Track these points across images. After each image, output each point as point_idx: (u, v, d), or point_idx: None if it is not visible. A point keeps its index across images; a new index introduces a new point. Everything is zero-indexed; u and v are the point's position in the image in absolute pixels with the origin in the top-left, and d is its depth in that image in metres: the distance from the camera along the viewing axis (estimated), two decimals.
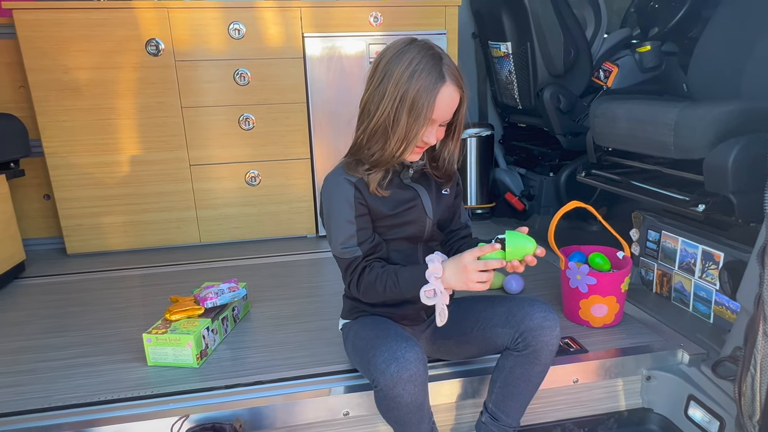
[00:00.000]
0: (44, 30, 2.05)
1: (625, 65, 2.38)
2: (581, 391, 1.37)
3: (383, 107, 1.04)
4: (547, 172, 2.53)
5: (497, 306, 1.18)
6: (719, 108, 1.37)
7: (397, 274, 1.09)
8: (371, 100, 1.07)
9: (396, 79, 1.03)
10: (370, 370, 1.03)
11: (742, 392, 1.09)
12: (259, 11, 2.19)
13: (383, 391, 1.00)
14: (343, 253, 1.13)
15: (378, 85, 1.05)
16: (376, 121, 1.05)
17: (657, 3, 2.43)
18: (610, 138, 1.75)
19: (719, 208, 1.38)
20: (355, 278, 1.12)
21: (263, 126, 2.30)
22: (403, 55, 1.04)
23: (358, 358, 1.16)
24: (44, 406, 1.23)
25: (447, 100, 1.05)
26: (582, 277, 1.46)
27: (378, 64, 1.07)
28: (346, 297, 1.29)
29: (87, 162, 2.20)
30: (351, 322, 1.25)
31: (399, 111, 1.03)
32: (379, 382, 1.00)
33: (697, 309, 1.56)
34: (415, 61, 1.03)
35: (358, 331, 1.19)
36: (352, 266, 1.13)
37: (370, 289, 1.12)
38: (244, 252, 2.29)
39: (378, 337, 1.08)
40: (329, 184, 1.15)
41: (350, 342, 1.21)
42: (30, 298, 1.88)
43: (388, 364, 0.99)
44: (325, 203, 1.15)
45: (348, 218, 1.11)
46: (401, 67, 1.03)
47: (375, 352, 1.03)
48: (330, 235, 1.15)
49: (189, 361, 1.36)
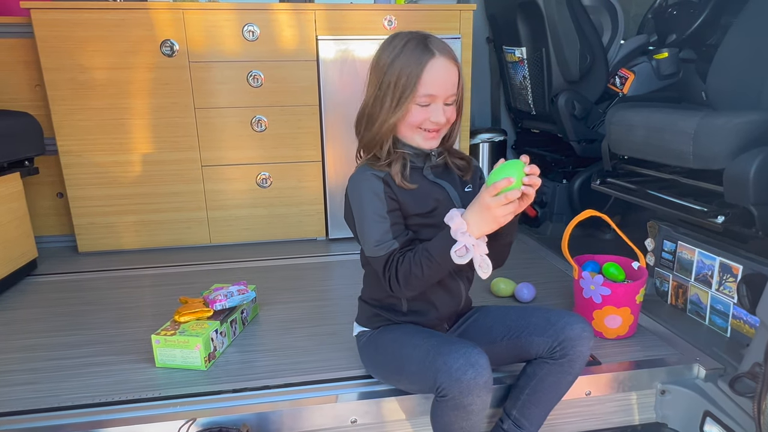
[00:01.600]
0: (61, 30, 2.06)
1: (642, 72, 2.35)
2: (594, 404, 1.35)
3: (369, 92, 1.09)
4: (561, 179, 2.50)
5: (531, 316, 1.18)
6: (741, 118, 1.34)
7: (427, 249, 1.03)
8: (365, 93, 1.12)
9: (383, 65, 1.06)
10: (437, 377, 0.98)
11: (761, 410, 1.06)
12: (274, 13, 2.19)
13: (454, 399, 0.97)
14: (377, 250, 1.07)
15: (369, 76, 1.10)
16: (364, 106, 1.11)
17: (675, 9, 2.40)
18: (627, 146, 1.72)
19: (739, 220, 1.35)
20: (393, 273, 1.05)
21: (275, 128, 2.30)
22: (390, 43, 1.08)
23: (401, 367, 1.11)
24: (53, 405, 1.23)
25: (441, 72, 1.04)
26: (596, 288, 1.43)
27: (372, 62, 1.11)
28: (365, 303, 1.26)
29: (100, 161, 2.21)
30: (372, 332, 1.22)
31: (382, 91, 1.07)
32: (450, 389, 0.97)
33: (713, 322, 1.53)
34: (399, 45, 1.06)
35: (398, 339, 1.14)
36: (389, 261, 1.06)
37: (410, 278, 1.04)
38: (254, 254, 2.28)
39: (443, 343, 1.04)
40: (356, 181, 1.12)
41: (380, 350, 1.18)
42: (41, 295, 1.89)
43: (464, 371, 0.96)
44: (354, 201, 1.11)
45: (380, 213, 1.07)
46: (388, 53, 1.07)
47: (446, 359, 0.99)
48: (363, 235, 1.10)
49: (197, 363, 1.36)
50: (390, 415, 1.25)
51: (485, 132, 2.63)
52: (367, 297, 1.26)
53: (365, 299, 1.26)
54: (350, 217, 1.16)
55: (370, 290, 1.24)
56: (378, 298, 1.22)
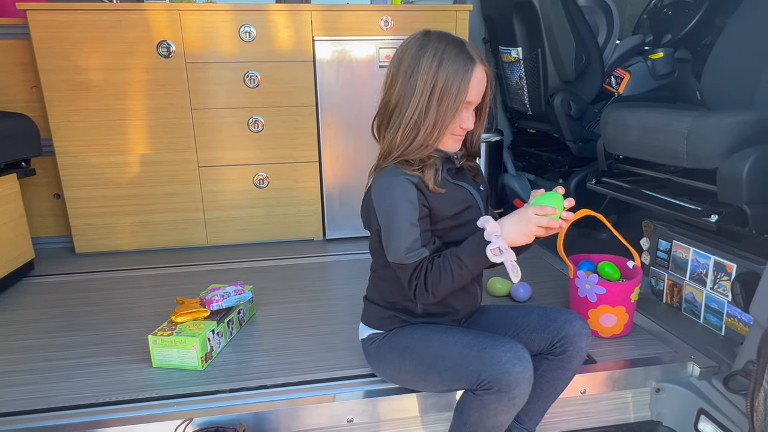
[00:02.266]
0: (57, 31, 2.06)
1: (638, 72, 2.36)
2: (589, 402, 1.35)
3: (415, 101, 1.05)
4: (557, 179, 2.51)
5: (532, 313, 1.21)
6: (734, 117, 1.35)
7: (458, 255, 1.04)
8: (402, 99, 1.06)
9: (425, 72, 1.04)
10: (483, 370, 1.01)
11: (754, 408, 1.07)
12: (270, 14, 2.19)
13: (501, 392, 0.99)
14: (407, 258, 1.06)
15: (407, 83, 1.05)
16: (409, 117, 1.06)
17: (670, 10, 2.41)
18: (622, 145, 1.73)
19: (732, 219, 1.36)
20: (421, 281, 1.05)
21: (272, 128, 2.30)
22: (426, 47, 1.05)
23: (432, 364, 1.11)
24: (50, 406, 1.23)
25: (480, 80, 1.07)
26: (591, 287, 1.44)
27: (400, 62, 1.07)
28: (376, 305, 1.23)
29: (97, 162, 2.21)
30: (386, 334, 1.20)
31: (430, 101, 1.04)
32: (498, 382, 0.99)
33: (708, 321, 1.54)
34: (440, 50, 1.04)
35: (425, 338, 1.13)
36: (418, 269, 1.06)
37: (439, 285, 1.05)
38: (252, 254, 2.29)
39: (483, 338, 1.07)
40: (389, 184, 1.07)
41: (400, 351, 1.16)
42: (38, 296, 1.89)
43: (513, 363, 0.99)
44: (384, 206, 1.08)
45: (411, 220, 1.06)
46: (427, 59, 1.04)
47: (493, 352, 1.01)
48: (390, 241, 1.07)
49: (194, 363, 1.36)
50: (386, 414, 1.26)
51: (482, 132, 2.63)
52: (379, 299, 1.22)
53: (376, 301, 1.23)
54: (371, 218, 1.12)
55: (383, 292, 1.21)
56: (393, 301, 1.20)
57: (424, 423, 1.29)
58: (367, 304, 1.26)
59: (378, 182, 1.10)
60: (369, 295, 1.27)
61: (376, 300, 1.23)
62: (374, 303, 1.24)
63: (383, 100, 1.11)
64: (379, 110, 1.13)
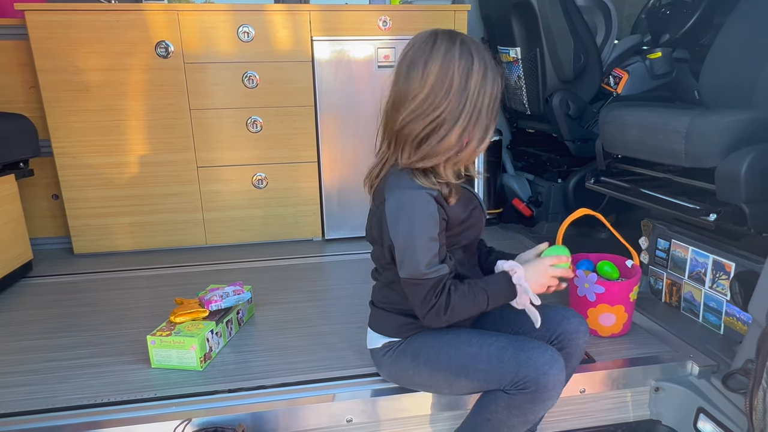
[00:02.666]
0: (56, 31, 2.06)
1: (636, 72, 2.36)
2: (588, 401, 1.36)
3: (466, 112, 1.01)
4: (556, 179, 2.51)
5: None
6: (732, 117, 1.35)
7: (485, 289, 1.07)
8: (444, 109, 1.01)
9: (473, 82, 1.00)
10: (520, 370, 1.03)
11: (753, 406, 1.07)
12: (269, 14, 2.19)
13: (536, 393, 1.02)
14: (427, 273, 1.03)
15: (446, 93, 1.00)
16: (462, 127, 1.02)
17: (668, 9, 2.41)
18: (620, 145, 1.73)
19: (731, 218, 1.36)
20: (442, 299, 1.03)
21: (271, 129, 2.30)
22: (465, 56, 1.01)
23: (463, 366, 1.10)
24: (49, 406, 1.23)
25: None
26: (590, 286, 1.44)
27: (426, 68, 1.01)
28: (390, 313, 1.19)
29: (95, 162, 2.21)
30: (402, 341, 1.18)
31: (480, 112, 1.03)
32: (534, 382, 1.01)
33: (707, 319, 1.54)
34: (479, 58, 1.02)
35: (453, 341, 1.12)
36: (438, 286, 1.03)
37: (458, 310, 1.05)
38: (250, 254, 2.29)
39: (517, 340, 1.09)
40: (411, 199, 1.03)
41: (424, 357, 1.14)
42: (37, 297, 1.89)
43: (551, 365, 1.02)
44: (405, 221, 1.04)
45: (432, 236, 1.03)
46: (477, 72, 1.01)
47: (530, 353, 1.04)
48: (407, 256, 1.04)
49: (193, 364, 1.36)
50: (385, 413, 1.26)
51: None
52: (391, 307, 1.19)
53: (389, 309, 1.19)
54: (384, 232, 1.08)
55: (395, 300, 1.18)
56: (407, 308, 1.14)
57: (423, 422, 1.29)
58: (378, 311, 1.22)
59: (397, 197, 1.05)
60: (378, 303, 1.22)
61: (388, 307, 1.20)
62: (387, 310, 1.20)
63: (417, 103, 1.03)
64: (417, 116, 1.03)
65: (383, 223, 1.08)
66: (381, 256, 1.16)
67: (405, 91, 1.04)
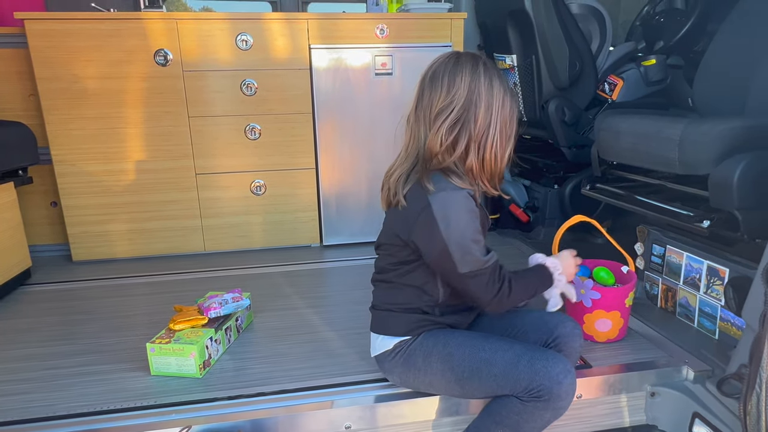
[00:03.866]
0: (55, 40, 2.08)
1: (631, 78, 2.38)
2: (585, 406, 1.36)
3: (499, 129, 1.13)
4: (552, 184, 2.52)
5: (526, 315, 1.28)
6: (724, 124, 1.37)
7: (534, 277, 1.21)
8: (488, 123, 1.12)
9: (496, 97, 1.12)
10: (535, 378, 1.07)
11: (747, 411, 1.08)
12: (267, 23, 2.21)
13: (550, 401, 1.06)
14: (486, 262, 1.11)
15: (488, 107, 1.12)
16: (493, 138, 1.13)
17: (662, 17, 2.45)
18: (615, 152, 1.75)
19: (724, 224, 1.38)
20: (506, 284, 1.13)
21: (269, 136, 2.32)
22: (496, 78, 1.13)
23: (477, 369, 1.13)
24: (48, 414, 1.23)
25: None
26: (586, 292, 1.45)
27: (474, 83, 1.11)
28: (398, 313, 1.21)
29: (94, 170, 2.22)
30: (412, 341, 1.20)
31: (502, 123, 1.14)
32: (549, 391, 1.05)
33: (702, 325, 1.55)
34: (506, 85, 1.15)
35: (466, 343, 1.16)
36: (496, 272, 1.13)
37: (517, 294, 1.15)
38: (249, 261, 2.29)
39: (533, 349, 1.13)
40: (456, 200, 1.09)
41: (437, 357, 1.16)
42: (35, 305, 1.89)
43: (565, 375, 1.07)
44: (455, 220, 1.09)
45: (477, 229, 1.12)
46: (498, 89, 1.13)
47: (546, 363, 1.08)
48: (468, 252, 1.09)
49: (192, 371, 1.36)
50: (384, 420, 1.26)
51: None
52: (399, 307, 1.21)
53: (397, 309, 1.21)
54: (434, 235, 1.10)
55: (404, 299, 1.21)
56: (415, 306, 1.20)
57: (422, 428, 1.30)
58: (384, 314, 1.23)
59: (441, 199, 1.09)
60: (383, 306, 1.24)
61: (395, 308, 1.21)
62: (394, 311, 1.21)
63: (451, 112, 1.11)
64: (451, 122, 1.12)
65: (426, 223, 1.10)
66: (398, 251, 1.18)
67: (430, 98, 1.13)
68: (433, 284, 1.18)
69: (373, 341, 1.27)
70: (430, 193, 1.09)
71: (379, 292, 1.26)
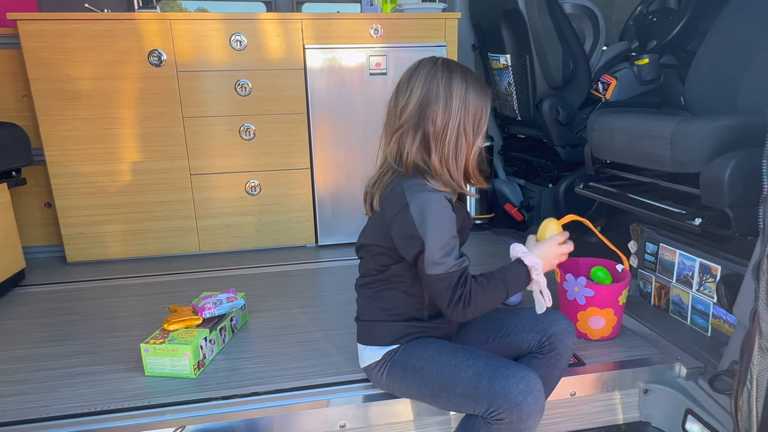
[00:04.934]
0: (48, 40, 2.07)
1: (624, 78, 2.40)
2: (578, 404, 1.37)
3: (458, 122, 1.12)
4: (546, 184, 2.53)
5: (519, 313, 1.27)
6: (716, 122, 1.38)
7: (503, 280, 1.12)
8: (446, 117, 1.12)
9: (461, 94, 1.12)
10: (494, 401, 1.02)
11: (738, 407, 1.09)
12: (261, 23, 2.21)
13: (512, 424, 1.01)
14: (454, 266, 1.09)
15: (447, 103, 1.12)
16: (452, 136, 1.13)
17: (655, 16, 2.46)
18: (608, 151, 1.76)
19: (716, 222, 1.39)
20: (466, 290, 1.09)
21: (264, 136, 2.32)
22: (456, 77, 1.13)
23: (443, 387, 1.11)
24: (43, 416, 1.23)
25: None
26: (580, 289, 1.46)
27: (429, 86, 1.12)
28: (386, 322, 1.21)
29: (88, 171, 2.22)
30: (398, 351, 1.19)
31: (468, 123, 1.13)
32: (508, 414, 1.01)
33: (695, 322, 1.56)
34: (470, 83, 1.13)
35: (434, 359, 1.14)
36: (462, 278, 1.09)
37: (480, 301, 1.09)
38: (244, 261, 2.29)
39: (496, 366, 1.07)
40: (433, 202, 1.10)
41: (411, 372, 1.16)
42: (29, 306, 1.88)
43: (525, 396, 1.01)
44: (432, 221, 1.09)
45: (453, 233, 1.11)
46: (459, 84, 1.12)
47: (504, 383, 1.03)
48: (440, 254, 1.09)
49: (186, 371, 1.36)
50: (378, 419, 1.27)
51: None
52: (386, 316, 1.21)
53: (384, 318, 1.21)
54: (411, 235, 1.10)
55: (389, 306, 1.21)
56: (401, 312, 1.20)
57: (416, 427, 1.30)
58: (372, 324, 1.23)
59: (420, 199, 1.10)
60: (370, 316, 1.23)
61: (382, 317, 1.21)
62: (382, 321, 1.21)
63: (439, 117, 1.12)
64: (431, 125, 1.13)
65: (403, 224, 1.10)
66: (379, 254, 1.19)
67: (395, 104, 1.17)
68: (419, 286, 1.17)
69: (361, 352, 1.26)
70: (407, 195, 1.10)
71: (364, 301, 1.26)
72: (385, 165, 1.18)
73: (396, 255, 1.16)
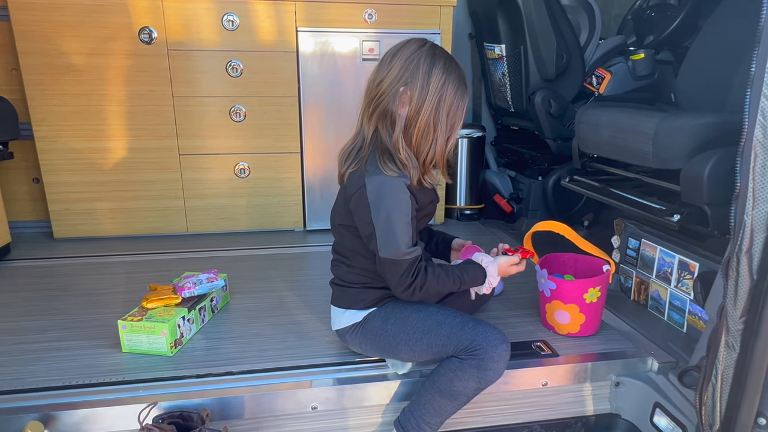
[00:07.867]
0: (38, 13, 2.05)
1: (618, 72, 2.38)
2: (550, 394, 1.39)
3: (430, 110, 1.14)
4: (537, 176, 2.53)
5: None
6: (699, 119, 1.38)
7: (461, 275, 1.21)
8: (418, 103, 1.13)
9: (441, 91, 1.14)
10: (475, 339, 1.14)
11: (703, 401, 1.11)
12: (254, 4, 2.19)
13: (483, 361, 1.13)
14: (407, 253, 1.14)
15: (422, 89, 1.13)
16: (421, 123, 1.15)
17: (653, 11, 2.43)
18: (594, 145, 1.75)
19: (695, 219, 1.39)
20: (419, 278, 1.15)
21: (254, 118, 2.31)
22: (434, 57, 1.14)
23: (427, 329, 1.20)
24: (15, 388, 1.24)
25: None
26: (545, 281, 1.46)
27: (409, 67, 1.13)
28: (368, 288, 1.27)
29: (77, 147, 2.21)
30: (378, 310, 1.27)
31: (440, 111, 1.15)
32: (485, 352, 1.13)
33: (671, 318, 1.57)
34: (449, 69, 1.15)
35: (422, 309, 1.24)
36: (414, 265, 1.15)
37: (431, 289, 1.17)
38: (231, 243, 2.30)
39: (475, 320, 1.21)
40: (390, 187, 1.13)
41: (394, 320, 1.24)
42: (12, 280, 1.89)
43: (501, 342, 1.15)
44: (386, 207, 1.13)
45: (407, 220, 1.15)
46: (438, 72, 1.13)
47: (486, 330, 1.16)
48: (391, 239, 1.13)
49: (163, 349, 1.37)
50: (350, 402, 1.28)
51: (464, 128, 2.65)
52: (368, 282, 1.27)
53: (367, 286, 1.27)
54: (360, 214, 1.16)
55: (367, 274, 1.27)
56: (376, 278, 1.26)
57: (387, 411, 1.32)
58: (351, 289, 1.29)
59: (377, 182, 1.13)
60: (348, 280, 1.29)
61: (360, 283, 1.28)
62: (360, 287, 1.28)
63: (414, 100, 1.14)
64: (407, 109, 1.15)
65: (361, 206, 1.15)
66: (351, 235, 1.24)
67: (374, 77, 1.18)
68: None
69: (338, 315, 1.31)
70: (367, 175, 1.14)
71: (348, 268, 1.30)
72: (358, 137, 1.22)
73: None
